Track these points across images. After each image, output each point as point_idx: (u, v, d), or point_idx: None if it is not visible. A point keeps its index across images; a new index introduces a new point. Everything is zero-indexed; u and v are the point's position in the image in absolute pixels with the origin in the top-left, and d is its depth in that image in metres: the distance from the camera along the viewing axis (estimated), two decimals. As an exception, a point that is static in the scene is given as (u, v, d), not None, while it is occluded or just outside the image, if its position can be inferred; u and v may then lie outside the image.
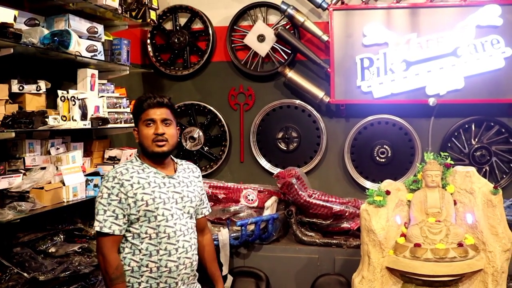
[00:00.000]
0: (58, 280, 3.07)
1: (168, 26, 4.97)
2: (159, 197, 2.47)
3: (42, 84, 3.27)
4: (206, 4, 4.88)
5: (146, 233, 2.45)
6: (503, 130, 4.50)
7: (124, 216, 2.43)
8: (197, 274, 2.69)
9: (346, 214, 4.14)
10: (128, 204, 2.43)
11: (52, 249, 3.21)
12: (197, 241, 2.67)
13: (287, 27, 4.69)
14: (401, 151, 4.63)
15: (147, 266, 2.44)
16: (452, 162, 3.33)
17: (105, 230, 2.40)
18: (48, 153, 3.41)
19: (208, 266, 2.84)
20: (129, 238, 2.46)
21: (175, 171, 2.61)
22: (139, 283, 2.45)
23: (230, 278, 3.98)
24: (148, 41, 4.93)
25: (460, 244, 3.07)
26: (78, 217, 3.64)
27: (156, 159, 2.54)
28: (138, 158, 2.58)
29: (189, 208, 2.58)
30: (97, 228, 2.41)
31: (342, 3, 4.53)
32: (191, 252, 2.55)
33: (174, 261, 2.47)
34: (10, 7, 2.74)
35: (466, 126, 4.56)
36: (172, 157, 2.67)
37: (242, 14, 4.83)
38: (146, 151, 2.52)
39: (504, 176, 4.53)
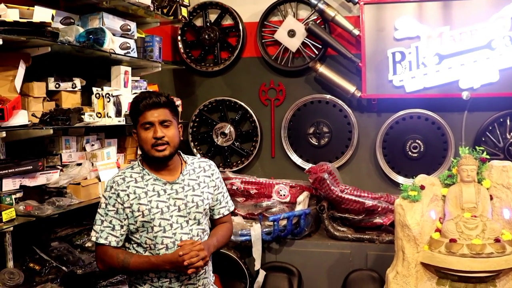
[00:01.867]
0: (95, 274, 3.14)
1: (199, 22, 5.00)
2: (156, 207, 2.34)
3: (78, 82, 3.34)
4: (236, 0, 4.90)
5: (145, 243, 2.36)
6: (540, 124, 4.41)
7: (121, 227, 2.35)
8: (209, 282, 2.50)
9: (379, 209, 4.12)
10: (126, 215, 2.34)
11: (89, 244, 3.28)
12: None
13: (317, 22, 4.67)
14: (433, 146, 4.56)
15: (148, 275, 2.36)
16: (488, 157, 3.28)
17: (101, 241, 2.33)
18: (84, 149, 3.48)
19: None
20: (134, 246, 2.39)
21: (180, 174, 2.44)
22: None
23: (262, 273, 4.00)
24: (179, 37, 4.97)
25: (497, 240, 3.02)
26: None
27: (159, 164, 2.40)
28: (139, 163, 2.44)
29: (195, 214, 2.41)
30: (93, 238, 2.36)
31: (373, -4, 4.49)
32: None
33: (174, 272, 2.35)
34: (46, 6, 2.80)
35: (501, 120, 4.46)
36: (182, 156, 2.51)
37: (272, 9, 4.82)
38: (147, 155, 2.38)
39: (541, 171, 4.42)
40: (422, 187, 3.24)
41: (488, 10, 4.25)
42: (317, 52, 4.73)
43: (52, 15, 2.72)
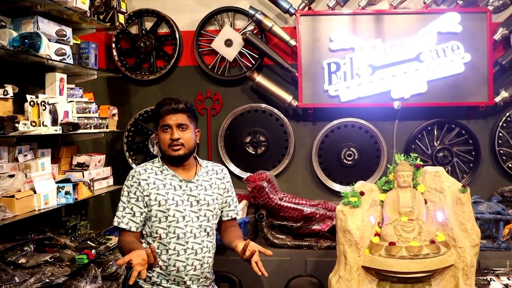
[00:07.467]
0: (30, 291, 2.98)
1: (134, 30, 4.90)
2: (172, 199, 2.60)
3: (10, 89, 3.15)
4: (173, 8, 4.85)
5: (156, 233, 2.59)
6: (463, 132, 4.67)
7: (141, 213, 2.60)
8: (210, 277, 2.77)
9: (317, 216, 4.19)
10: (145, 202, 2.59)
11: (23, 260, 3.11)
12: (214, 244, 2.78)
13: (254, 32, 4.72)
14: (367, 154, 4.72)
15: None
16: (422, 163, 3.43)
17: (122, 225, 2.59)
18: (16, 160, 3.30)
19: (229, 237, 2.80)
20: (144, 236, 2.64)
21: (195, 175, 2.70)
22: (150, 277, 2.61)
23: (203, 284, 3.96)
24: (113, 45, 4.84)
25: (432, 241, 3.16)
26: (46, 226, 3.54)
27: (175, 162, 2.66)
28: (160, 159, 2.71)
29: (205, 211, 2.67)
30: (115, 223, 2.60)
31: (309, 8, 4.59)
32: (201, 254, 2.64)
33: (182, 261, 2.59)
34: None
35: (429, 128, 4.70)
36: (198, 159, 2.79)
37: (209, 18, 4.82)
38: (164, 154, 2.66)
39: (465, 176, 4.70)
40: (362, 193, 3.33)
41: (416, 25, 4.50)
42: (254, 62, 4.77)
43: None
